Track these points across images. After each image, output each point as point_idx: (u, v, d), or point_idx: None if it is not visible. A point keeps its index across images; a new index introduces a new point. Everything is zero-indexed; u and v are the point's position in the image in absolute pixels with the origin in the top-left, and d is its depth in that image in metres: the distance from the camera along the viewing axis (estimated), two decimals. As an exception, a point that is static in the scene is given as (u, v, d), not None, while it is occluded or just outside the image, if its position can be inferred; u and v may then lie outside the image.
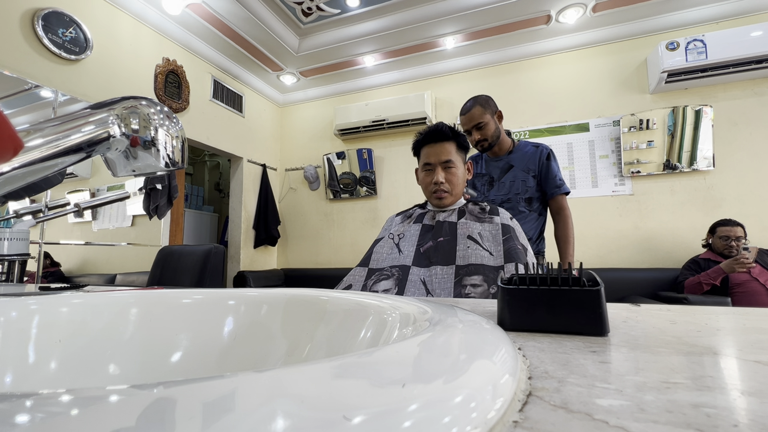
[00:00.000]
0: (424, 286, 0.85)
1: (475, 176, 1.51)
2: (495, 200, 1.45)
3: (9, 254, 0.87)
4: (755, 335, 0.28)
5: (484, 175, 1.49)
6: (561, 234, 1.46)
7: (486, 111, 1.43)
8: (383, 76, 3.39)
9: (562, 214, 1.45)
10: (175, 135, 0.38)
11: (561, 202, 1.45)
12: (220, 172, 4.94)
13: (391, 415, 0.11)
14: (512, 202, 1.43)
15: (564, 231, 1.45)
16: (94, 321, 0.39)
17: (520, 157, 1.46)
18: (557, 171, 1.46)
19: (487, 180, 1.48)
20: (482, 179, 1.49)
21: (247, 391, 0.12)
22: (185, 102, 2.75)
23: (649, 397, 0.16)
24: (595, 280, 0.31)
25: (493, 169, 1.48)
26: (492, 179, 1.47)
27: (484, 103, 1.44)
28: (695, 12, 2.56)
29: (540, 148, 1.48)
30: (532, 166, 1.45)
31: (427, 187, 1.03)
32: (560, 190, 1.44)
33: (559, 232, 1.46)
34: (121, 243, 2.40)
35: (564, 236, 1.45)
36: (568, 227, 1.45)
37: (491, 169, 1.48)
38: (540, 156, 1.46)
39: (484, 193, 1.48)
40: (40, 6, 1.96)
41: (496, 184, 1.47)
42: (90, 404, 0.10)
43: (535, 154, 1.46)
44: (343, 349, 0.35)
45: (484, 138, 1.43)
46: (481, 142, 1.44)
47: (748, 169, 2.46)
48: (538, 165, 1.45)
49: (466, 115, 1.45)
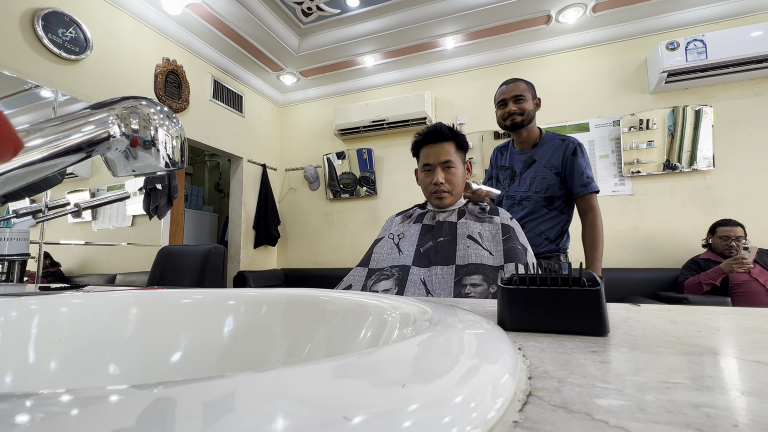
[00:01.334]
0: (424, 286, 0.85)
1: (500, 168, 1.47)
2: (515, 196, 1.39)
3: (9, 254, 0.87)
4: (755, 335, 0.28)
5: (507, 168, 1.43)
6: (588, 237, 1.36)
7: (529, 90, 1.39)
8: (383, 76, 3.39)
9: (590, 215, 1.35)
10: (175, 135, 0.38)
11: (590, 201, 1.35)
12: (220, 172, 4.94)
13: (391, 415, 0.11)
14: (532, 200, 1.36)
15: (592, 234, 1.35)
16: (94, 321, 0.39)
17: (544, 152, 1.38)
18: (585, 167, 1.34)
19: (510, 174, 1.42)
20: (505, 172, 1.44)
21: (247, 391, 0.12)
22: (185, 102, 2.75)
23: (649, 397, 0.16)
24: (595, 280, 0.31)
25: (516, 162, 1.41)
26: (514, 173, 1.41)
27: (529, 83, 1.42)
28: (695, 12, 2.56)
29: (567, 141, 1.37)
30: (555, 162, 1.36)
31: (427, 187, 1.03)
32: (587, 189, 1.33)
33: (587, 235, 1.36)
34: (121, 243, 2.40)
35: (591, 239, 1.35)
36: (597, 229, 1.34)
37: (515, 161, 1.42)
38: (565, 151, 1.35)
39: (506, 187, 1.42)
40: (40, 6, 1.96)
41: (518, 179, 1.40)
42: (90, 404, 0.10)
43: (560, 149, 1.36)
44: (343, 349, 0.35)
45: (519, 112, 1.35)
46: (514, 115, 1.36)
47: (748, 169, 2.46)
48: (562, 160, 1.35)
49: (510, 86, 1.39)
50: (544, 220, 1.37)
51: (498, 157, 1.50)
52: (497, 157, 1.51)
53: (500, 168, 1.47)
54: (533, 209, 1.36)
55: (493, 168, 1.51)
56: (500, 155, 1.50)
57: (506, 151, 1.48)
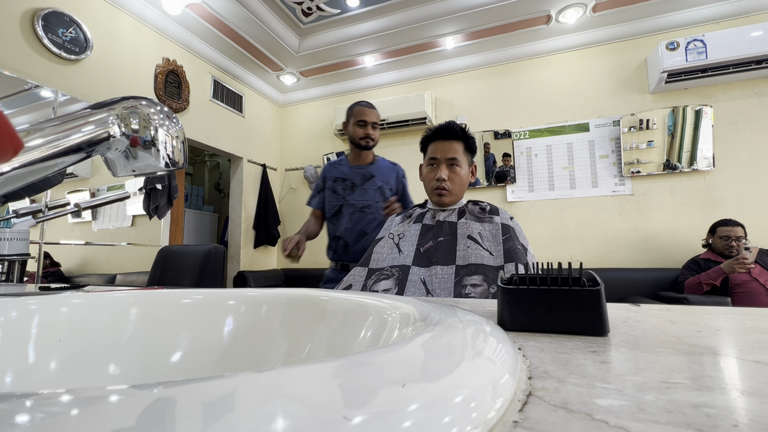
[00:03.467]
0: (424, 285, 0.85)
1: (335, 180, 1.61)
2: (356, 204, 1.57)
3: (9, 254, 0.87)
4: (755, 335, 0.28)
5: (345, 180, 1.60)
6: None
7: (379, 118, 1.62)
8: (383, 76, 3.39)
9: None
10: (175, 135, 0.38)
11: None
12: (220, 172, 4.94)
13: (391, 415, 0.11)
14: (372, 209, 1.56)
15: None
16: (94, 321, 0.39)
17: (379, 170, 1.61)
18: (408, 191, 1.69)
19: (349, 185, 1.59)
20: (344, 183, 1.60)
21: (247, 391, 0.12)
22: (185, 102, 2.75)
23: (649, 397, 0.16)
24: (595, 280, 0.31)
25: (355, 176, 1.60)
26: (354, 185, 1.59)
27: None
28: (695, 12, 2.56)
29: (396, 166, 1.68)
30: (390, 180, 1.62)
31: (429, 182, 1.02)
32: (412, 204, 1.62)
33: None
34: (121, 243, 2.40)
35: None
36: None
37: (353, 175, 1.60)
38: (397, 174, 1.65)
39: (345, 197, 1.58)
40: (40, 6, 1.96)
41: (358, 190, 1.58)
42: (90, 404, 0.10)
43: (393, 170, 1.65)
44: (343, 349, 0.35)
45: (374, 139, 1.58)
46: (370, 139, 1.57)
47: (748, 169, 2.46)
48: (395, 181, 1.64)
49: (373, 111, 1.58)
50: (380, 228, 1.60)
51: (331, 171, 1.64)
52: (330, 170, 1.64)
53: (335, 180, 1.61)
54: (375, 217, 1.56)
55: (327, 181, 1.63)
56: (334, 169, 1.64)
57: (340, 166, 1.64)
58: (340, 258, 1.59)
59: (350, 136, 1.60)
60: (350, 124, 1.59)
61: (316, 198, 1.66)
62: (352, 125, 1.58)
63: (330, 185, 1.62)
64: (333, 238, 1.61)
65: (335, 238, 1.60)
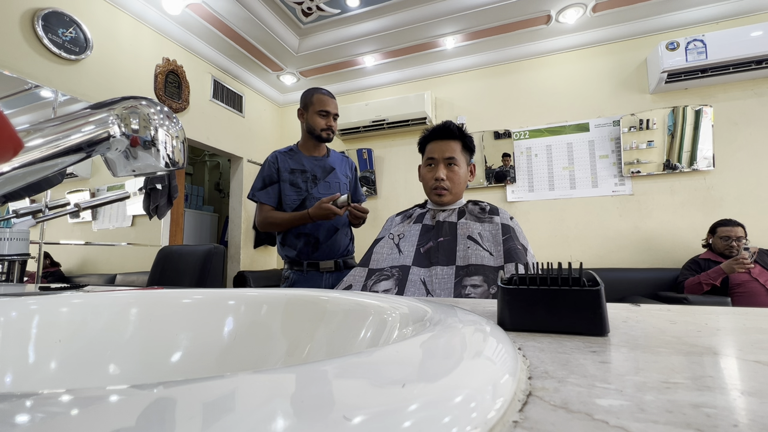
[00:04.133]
0: (424, 286, 0.85)
1: (292, 172, 1.47)
2: (321, 198, 1.46)
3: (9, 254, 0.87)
4: (755, 335, 0.28)
5: (306, 172, 1.48)
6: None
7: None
8: (383, 76, 3.39)
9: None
10: (175, 135, 0.38)
11: None
12: (220, 172, 4.93)
13: (391, 415, 0.11)
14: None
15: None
16: (94, 321, 0.39)
17: (336, 162, 1.55)
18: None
19: (311, 177, 1.48)
20: (303, 175, 1.47)
21: (247, 391, 0.12)
22: (185, 102, 2.75)
23: (649, 397, 0.16)
24: (595, 280, 0.31)
25: (316, 168, 1.50)
26: (315, 177, 1.49)
27: None
28: (695, 12, 2.56)
29: (348, 158, 1.63)
30: (348, 173, 1.58)
31: (428, 182, 1.03)
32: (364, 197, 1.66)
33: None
34: (121, 243, 2.40)
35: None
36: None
37: (313, 167, 1.50)
38: (350, 166, 1.61)
39: (309, 189, 1.47)
40: (40, 6, 1.96)
41: (321, 183, 1.49)
42: (90, 404, 0.10)
43: (345, 162, 1.60)
44: (343, 349, 0.35)
45: (334, 131, 1.50)
46: (330, 131, 1.48)
47: (748, 169, 2.46)
48: (352, 173, 1.61)
49: (333, 101, 1.49)
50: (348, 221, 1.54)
51: (285, 162, 1.48)
52: (284, 161, 1.48)
53: (292, 171, 1.47)
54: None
55: (282, 172, 1.46)
56: (288, 159, 1.49)
57: (294, 156, 1.50)
58: (307, 257, 1.44)
59: (309, 125, 1.47)
60: (309, 112, 1.47)
61: (268, 191, 1.45)
62: (312, 114, 1.46)
63: (287, 177, 1.46)
64: (297, 235, 1.44)
65: (300, 235, 1.44)
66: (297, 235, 1.45)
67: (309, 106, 1.48)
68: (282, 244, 1.49)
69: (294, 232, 1.45)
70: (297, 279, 1.45)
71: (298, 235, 1.45)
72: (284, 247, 1.48)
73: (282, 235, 1.49)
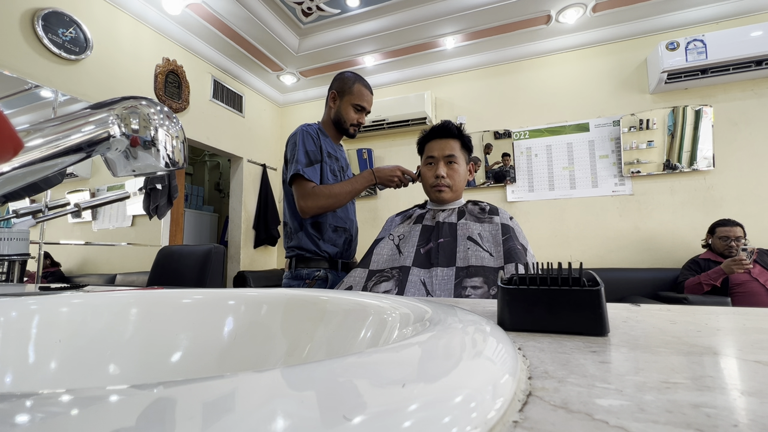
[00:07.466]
0: (424, 287, 0.85)
1: (330, 156, 1.29)
2: None
3: (9, 254, 0.87)
4: (755, 335, 0.28)
5: (338, 161, 1.34)
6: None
7: None
8: (383, 76, 3.39)
9: None
10: (175, 135, 0.38)
11: None
12: (220, 172, 4.93)
13: (391, 415, 0.11)
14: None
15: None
16: (94, 321, 0.39)
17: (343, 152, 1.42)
18: None
19: (341, 168, 1.34)
20: (337, 164, 1.32)
21: (247, 391, 0.12)
22: (185, 102, 2.75)
23: (649, 397, 0.16)
24: (595, 280, 0.31)
25: (342, 160, 1.36)
26: (343, 170, 1.36)
27: None
28: (695, 12, 2.56)
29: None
30: (349, 173, 1.43)
31: (428, 180, 1.03)
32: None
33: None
34: (121, 243, 2.40)
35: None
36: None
37: (340, 156, 1.37)
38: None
39: (342, 179, 1.32)
40: (40, 6, 1.96)
41: (344, 178, 1.34)
42: (90, 404, 0.10)
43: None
44: (343, 349, 0.35)
45: (360, 129, 1.34)
46: (358, 128, 1.33)
47: (748, 169, 2.46)
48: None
49: (371, 97, 1.33)
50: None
51: (324, 141, 1.29)
52: (322, 140, 1.28)
53: (329, 155, 1.28)
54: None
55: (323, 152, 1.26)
56: (326, 140, 1.30)
57: (326, 139, 1.31)
58: (341, 255, 1.27)
59: (338, 115, 1.29)
60: (344, 101, 1.28)
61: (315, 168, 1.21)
62: (346, 104, 1.28)
63: (326, 160, 1.26)
64: (334, 229, 1.26)
65: (338, 229, 1.26)
66: (335, 229, 1.26)
67: (346, 94, 1.28)
68: (317, 236, 1.23)
69: (332, 225, 1.25)
70: (335, 280, 1.24)
71: (336, 229, 1.26)
72: (322, 241, 1.23)
73: (316, 227, 1.24)
